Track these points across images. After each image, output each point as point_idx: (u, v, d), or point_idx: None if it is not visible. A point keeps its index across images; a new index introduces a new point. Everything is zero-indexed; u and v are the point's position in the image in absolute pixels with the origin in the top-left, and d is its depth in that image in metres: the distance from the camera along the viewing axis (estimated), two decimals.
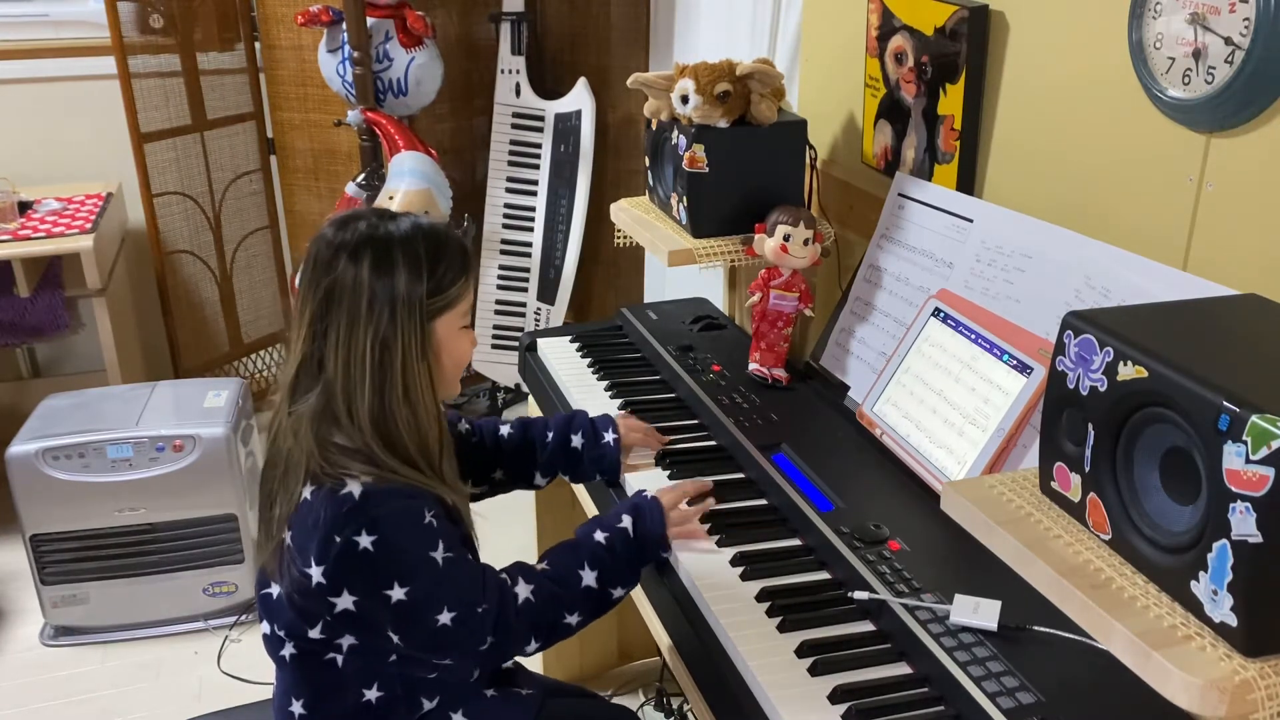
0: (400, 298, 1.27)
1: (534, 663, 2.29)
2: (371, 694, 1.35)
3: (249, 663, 2.49)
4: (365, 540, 1.23)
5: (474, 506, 1.45)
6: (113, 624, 2.60)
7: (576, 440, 1.63)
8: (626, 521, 1.43)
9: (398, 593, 1.25)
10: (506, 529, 1.84)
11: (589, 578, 1.38)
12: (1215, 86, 1.23)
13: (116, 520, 2.50)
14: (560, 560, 1.40)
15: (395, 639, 1.29)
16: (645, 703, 2.33)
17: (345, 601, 1.26)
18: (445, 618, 1.27)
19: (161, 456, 2.47)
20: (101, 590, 2.55)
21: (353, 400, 1.27)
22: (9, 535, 2.85)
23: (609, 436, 1.63)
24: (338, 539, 1.23)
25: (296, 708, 1.37)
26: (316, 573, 1.25)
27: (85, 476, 2.45)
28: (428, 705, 1.39)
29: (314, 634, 1.31)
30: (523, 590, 1.35)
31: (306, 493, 1.27)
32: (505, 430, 1.66)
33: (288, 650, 1.35)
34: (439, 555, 1.27)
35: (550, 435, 1.64)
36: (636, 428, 1.68)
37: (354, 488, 1.24)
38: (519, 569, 1.38)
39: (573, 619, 1.38)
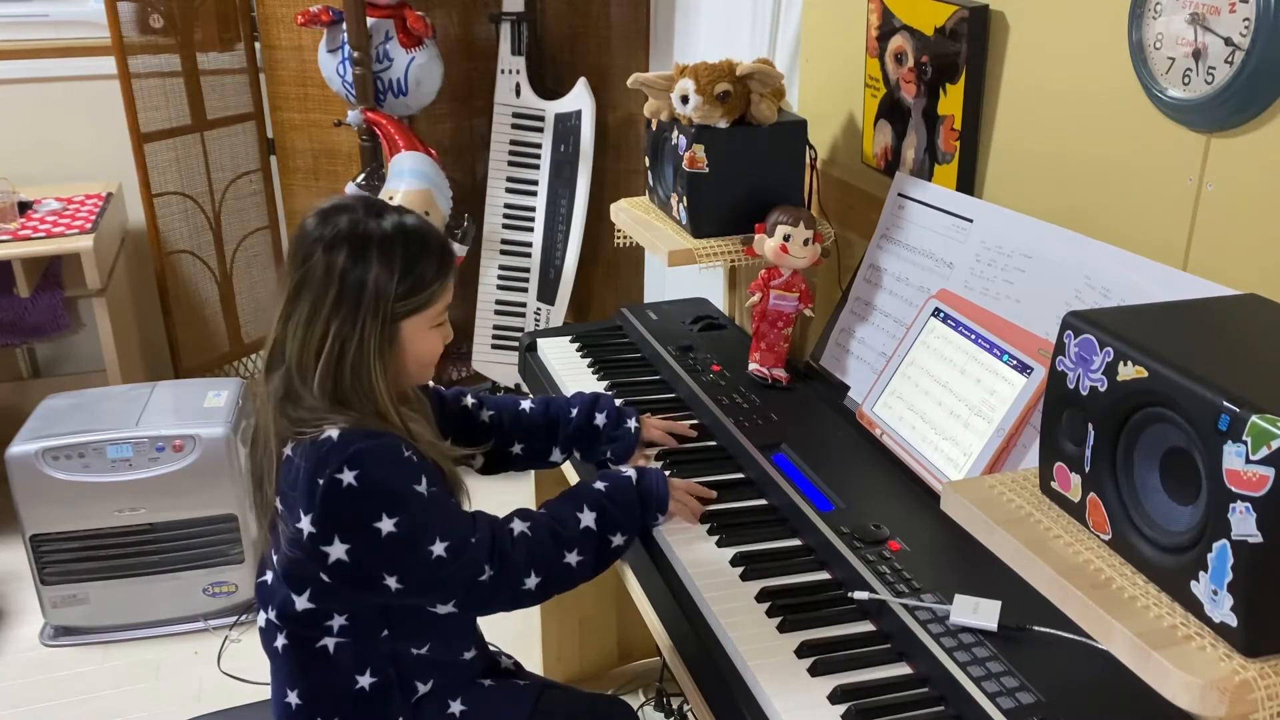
0: (368, 297, 1.29)
1: (534, 662, 2.30)
2: (365, 680, 1.36)
3: (249, 663, 2.50)
4: (348, 476, 1.25)
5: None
6: (113, 624, 2.60)
7: (600, 419, 1.66)
8: (630, 473, 1.47)
9: (387, 524, 1.26)
10: None
11: (588, 518, 1.40)
12: (1215, 87, 1.23)
13: (116, 520, 2.50)
14: (559, 503, 1.44)
15: (394, 583, 1.28)
16: (645, 703, 2.33)
17: (338, 550, 1.26)
18: (439, 548, 1.28)
19: (161, 456, 2.47)
20: (101, 590, 2.55)
21: (307, 383, 1.30)
22: (9, 535, 2.85)
23: (631, 423, 1.65)
24: (320, 480, 1.25)
25: (292, 698, 1.38)
26: (306, 522, 1.26)
27: (85, 476, 2.45)
28: (422, 689, 1.40)
29: (303, 603, 1.32)
30: (518, 525, 1.37)
31: (288, 450, 1.30)
32: (526, 405, 1.69)
33: (280, 640, 1.36)
34: (422, 488, 1.29)
35: (574, 412, 1.66)
36: (659, 425, 1.70)
37: (332, 431, 1.27)
38: (515, 511, 1.41)
39: (572, 558, 1.38)
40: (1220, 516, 0.84)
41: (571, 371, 1.98)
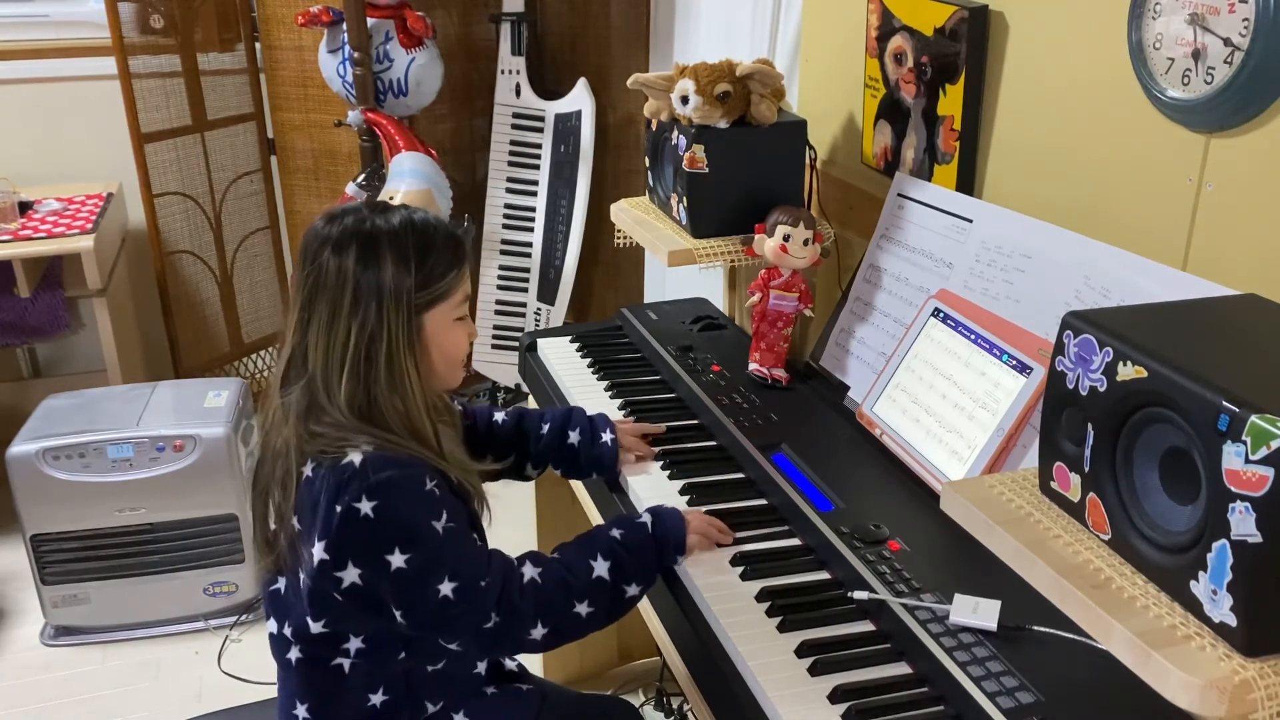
0: (387, 291, 1.27)
1: (534, 662, 2.30)
2: (377, 698, 1.35)
3: (249, 663, 2.50)
4: (365, 506, 1.23)
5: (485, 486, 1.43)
6: (113, 624, 2.60)
7: (574, 436, 1.63)
8: (645, 518, 1.42)
9: (398, 559, 1.24)
10: (506, 530, 1.84)
11: (601, 568, 1.35)
12: (1215, 87, 1.23)
13: (116, 520, 2.50)
14: (572, 549, 1.39)
15: (399, 616, 1.27)
16: (645, 703, 2.33)
17: (350, 575, 1.25)
18: (446, 588, 1.25)
19: (162, 456, 2.47)
20: (101, 590, 2.55)
21: (331, 390, 1.27)
22: (9, 535, 2.85)
23: (607, 436, 1.63)
24: (338, 507, 1.23)
25: (301, 711, 1.37)
26: (319, 549, 1.24)
27: (85, 476, 2.45)
28: (431, 709, 1.39)
29: (318, 628, 1.30)
30: (529, 571, 1.33)
31: (308, 470, 1.27)
32: (499, 417, 1.67)
33: (294, 653, 1.35)
34: (440, 525, 1.26)
35: (545, 427, 1.64)
36: (632, 431, 1.68)
37: (354, 456, 1.24)
38: (528, 554, 1.37)
39: (582, 608, 1.34)
40: (1220, 516, 0.84)
41: (571, 372, 1.98)
